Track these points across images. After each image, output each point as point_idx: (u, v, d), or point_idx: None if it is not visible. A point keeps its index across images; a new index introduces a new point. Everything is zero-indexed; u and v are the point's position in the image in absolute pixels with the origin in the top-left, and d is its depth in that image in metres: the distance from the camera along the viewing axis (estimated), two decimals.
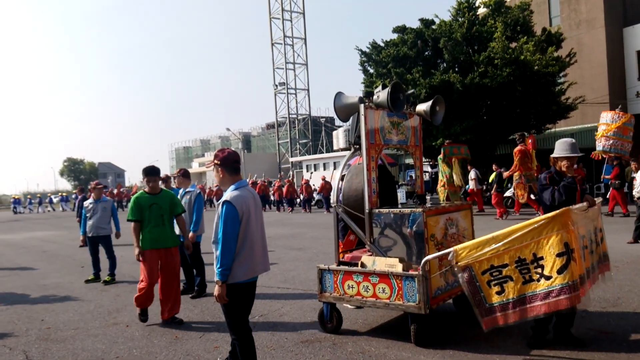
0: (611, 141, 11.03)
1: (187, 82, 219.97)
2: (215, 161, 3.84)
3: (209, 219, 6.01)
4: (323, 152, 42.65)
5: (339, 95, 5.38)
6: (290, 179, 29.25)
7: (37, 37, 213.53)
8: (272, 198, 29.29)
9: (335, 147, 6.20)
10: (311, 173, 34.24)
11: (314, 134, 47.35)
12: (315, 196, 26.58)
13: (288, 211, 25.70)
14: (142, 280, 5.85)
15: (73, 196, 45.80)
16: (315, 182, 28.48)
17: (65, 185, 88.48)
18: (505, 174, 15.52)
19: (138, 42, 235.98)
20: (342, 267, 5.13)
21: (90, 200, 9.02)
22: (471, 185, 17.67)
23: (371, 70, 23.69)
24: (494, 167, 16.78)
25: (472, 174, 17.68)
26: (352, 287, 4.95)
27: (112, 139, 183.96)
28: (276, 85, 46.42)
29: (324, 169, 32.83)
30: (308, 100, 47.55)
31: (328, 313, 5.24)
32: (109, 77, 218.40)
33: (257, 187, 26.11)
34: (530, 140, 14.79)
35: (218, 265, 3.60)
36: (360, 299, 4.90)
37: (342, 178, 5.54)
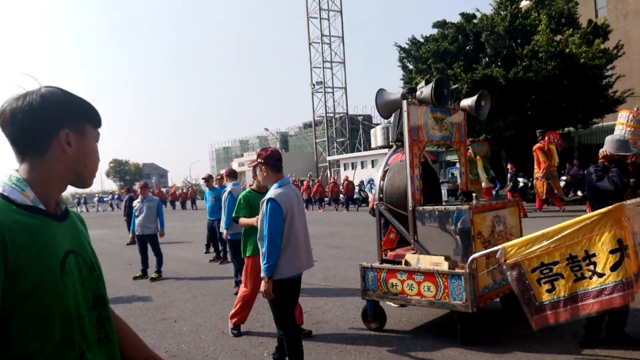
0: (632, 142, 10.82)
1: (226, 83, 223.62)
2: (259, 160, 3.92)
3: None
4: (361, 150, 42.53)
5: (380, 92, 5.36)
6: (320, 178, 29.28)
7: (86, 40, 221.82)
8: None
9: (373, 145, 6.17)
10: (332, 172, 34.20)
11: (352, 132, 47.23)
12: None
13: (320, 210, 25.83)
14: (244, 286, 5.32)
15: (109, 196, 47.20)
16: (355, 181, 28.48)
17: (111, 185, 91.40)
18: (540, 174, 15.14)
19: (177, 44, 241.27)
20: (385, 265, 5.11)
21: (138, 199, 9.31)
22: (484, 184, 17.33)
23: (410, 67, 23.47)
24: (509, 166, 16.39)
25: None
26: (395, 286, 4.92)
27: (155, 141, 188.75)
28: (313, 85, 46.57)
29: (362, 167, 32.76)
30: (345, 99, 47.42)
31: (371, 311, 5.23)
32: (151, 80, 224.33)
33: None
34: (547, 138, 14.44)
35: (264, 262, 3.67)
36: (405, 297, 4.87)
37: (383, 176, 5.51)
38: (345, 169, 35.84)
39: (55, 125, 1.32)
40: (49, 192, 1.34)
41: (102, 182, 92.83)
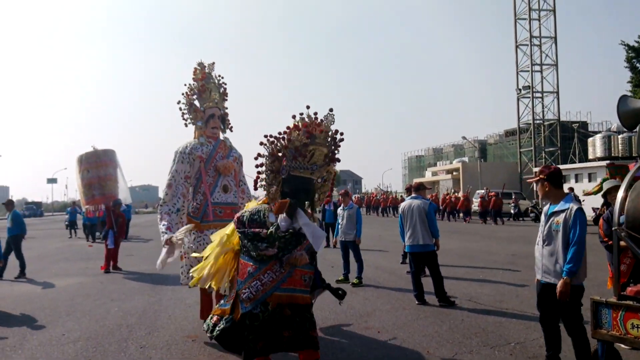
0: None
1: (420, 89, 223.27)
2: (541, 176, 4.21)
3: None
4: (575, 162, 38.05)
5: (624, 99, 4.60)
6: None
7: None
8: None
9: (590, 157, 5.38)
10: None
11: (563, 141, 42.63)
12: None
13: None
14: None
15: None
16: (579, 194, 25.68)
17: None
18: None
19: (366, 50, 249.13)
20: (624, 302, 4.32)
21: (341, 207, 9.70)
22: None
23: None
24: None
25: None
26: (637, 327, 4.13)
27: (352, 148, 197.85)
28: (519, 90, 43.35)
29: (576, 181, 29.16)
30: (557, 104, 42.99)
31: (603, 352, 4.49)
32: (346, 90, 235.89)
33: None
34: None
35: (570, 265, 4.11)
36: None
37: (625, 196, 4.68)
38: None
39: None
40: None
41: None
